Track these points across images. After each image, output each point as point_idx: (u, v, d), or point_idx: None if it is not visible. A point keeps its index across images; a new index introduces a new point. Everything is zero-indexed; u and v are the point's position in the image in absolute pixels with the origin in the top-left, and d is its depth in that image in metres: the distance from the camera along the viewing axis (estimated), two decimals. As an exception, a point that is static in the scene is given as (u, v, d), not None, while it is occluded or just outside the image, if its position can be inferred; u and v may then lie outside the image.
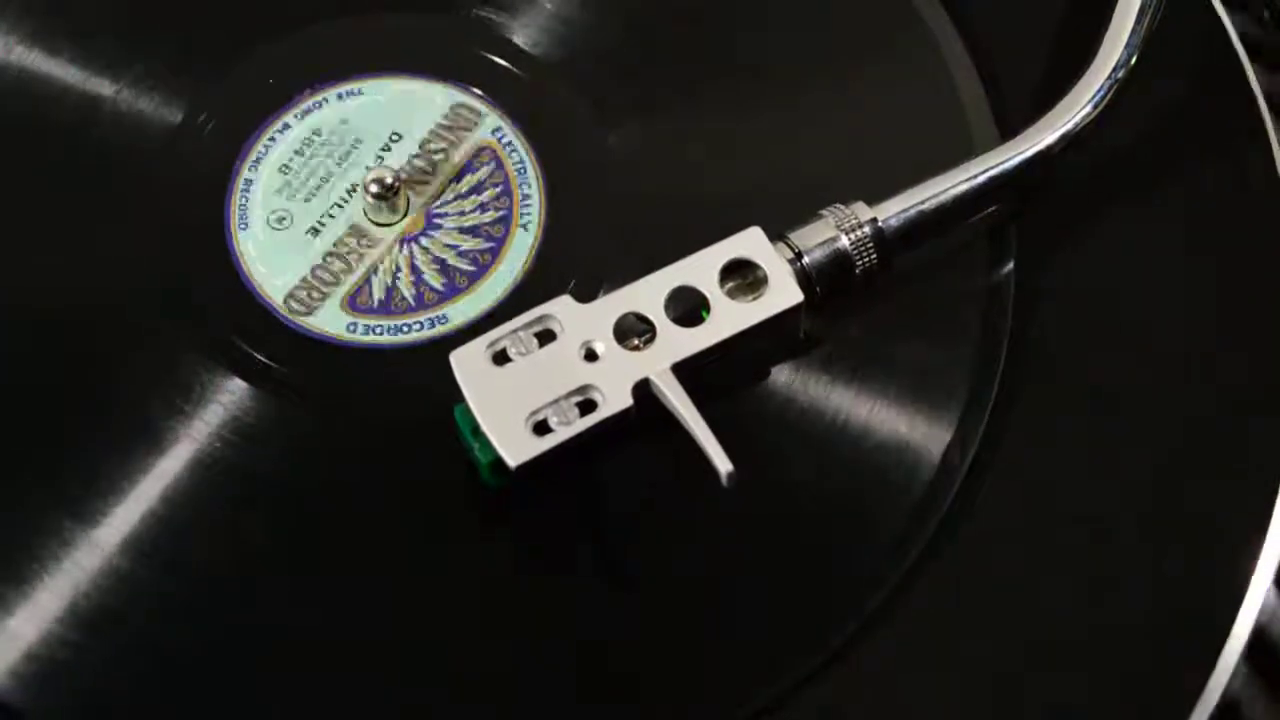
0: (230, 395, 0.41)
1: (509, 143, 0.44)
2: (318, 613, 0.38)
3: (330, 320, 0.42)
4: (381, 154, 0.44)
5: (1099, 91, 0.41)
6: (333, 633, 0.38)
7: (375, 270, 0.42)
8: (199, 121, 0.44)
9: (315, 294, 0.42)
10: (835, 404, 0.41)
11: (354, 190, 0.43)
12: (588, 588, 0.39)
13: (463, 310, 0.42)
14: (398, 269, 0.42)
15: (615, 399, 0.38)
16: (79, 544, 0.39)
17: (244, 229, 0.43)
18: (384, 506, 0.40)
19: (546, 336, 0.39)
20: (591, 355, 0.38)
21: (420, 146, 0.44)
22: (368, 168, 0.43)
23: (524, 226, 0.43)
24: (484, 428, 0.37)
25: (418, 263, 0.43)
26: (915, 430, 0.41)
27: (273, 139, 0.44)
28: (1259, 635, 0.39)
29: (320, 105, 0.45)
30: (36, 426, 0.41)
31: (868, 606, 0.39)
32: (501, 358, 0.38)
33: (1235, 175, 0.43)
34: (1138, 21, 0.42)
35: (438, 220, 0.43)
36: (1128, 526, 0.40)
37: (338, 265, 0.43)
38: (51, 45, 0.45)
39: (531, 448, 0.37)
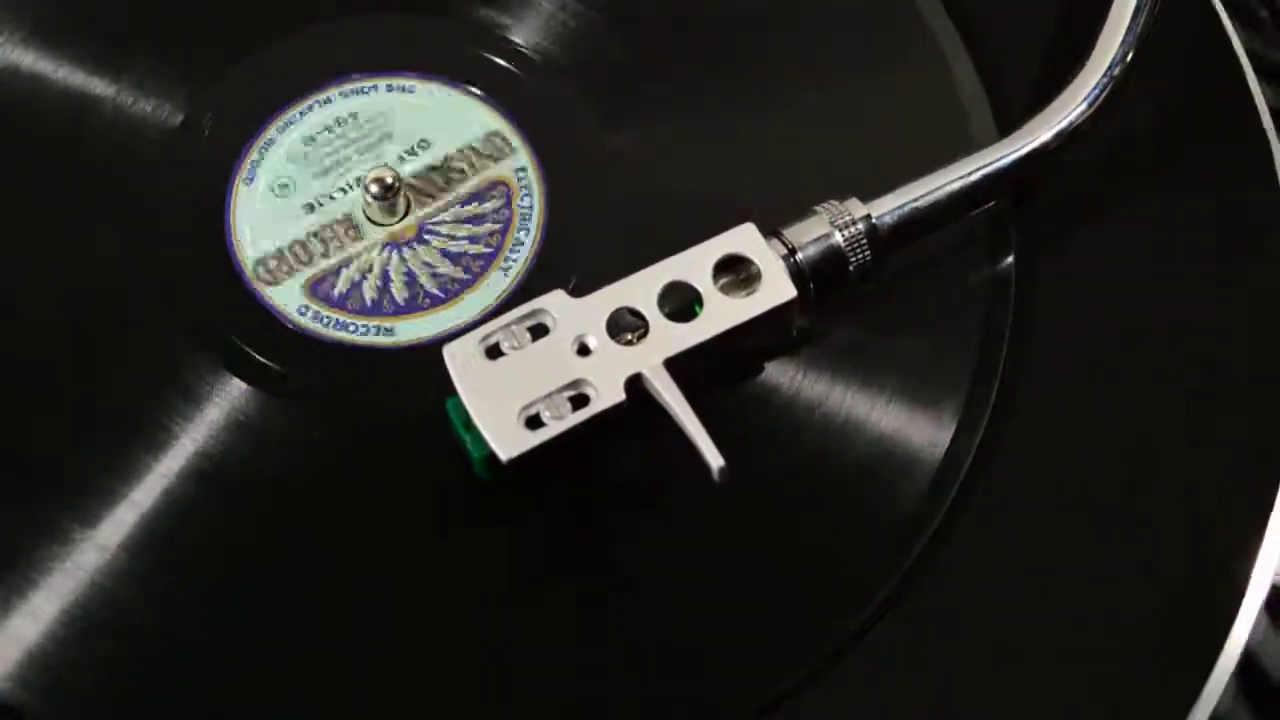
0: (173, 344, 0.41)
1: (526, 185, 0.44)
2: (315, 610, 0.39)
3: (288, 297, 0.42)
4: (405, 155, 0.44)
5: (1095, 89, 0.41)
6: (330, 631, 0.38)
7: (349, 264, 0.43)
8: (200, 122, 0.44)
9: (285, 267, 0.42)
10: (835, 402, 0.41)
11: (360, 182, 0.44)
12: (582, 585, 0.39)
13: (411, 330, 0.42)
14: (369, 269, 0.42)
15: (608, 393, 0.38)
16: (79, 544, 0.39)
17: (248, 184, 0.43)
18: (369, 501, 0.40)
19: (539, 331, 0.39)
20: (584, 350, 0.38)
21: (443, 160, 0.44)
22: (386, 165, 0.43)
23: (504, 270, 0.43)
24: (476, 422, 0.37)
25: (390, 270, 0.43)
26: (915, 429, 0.40)
27: (310, 108, 0.44)
28: (1272, 599, 0.39)
29: (368, 91, 0.45)
30: (36, 426, 0.41)
31: (867, 606, 0.38)
32: (494, 351, 0.38)
33: (1234, 170, 0.43)
34: (1134, 19, 0.42)
35: (427, 236, 0.43)
36: (1128, 525, 0.39)
37: (316, 247, 0.43)
38: (51, 45, 0.45)
39: (523, 442, 0.37)
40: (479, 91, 0.45)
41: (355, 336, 0.42)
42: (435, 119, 0.45)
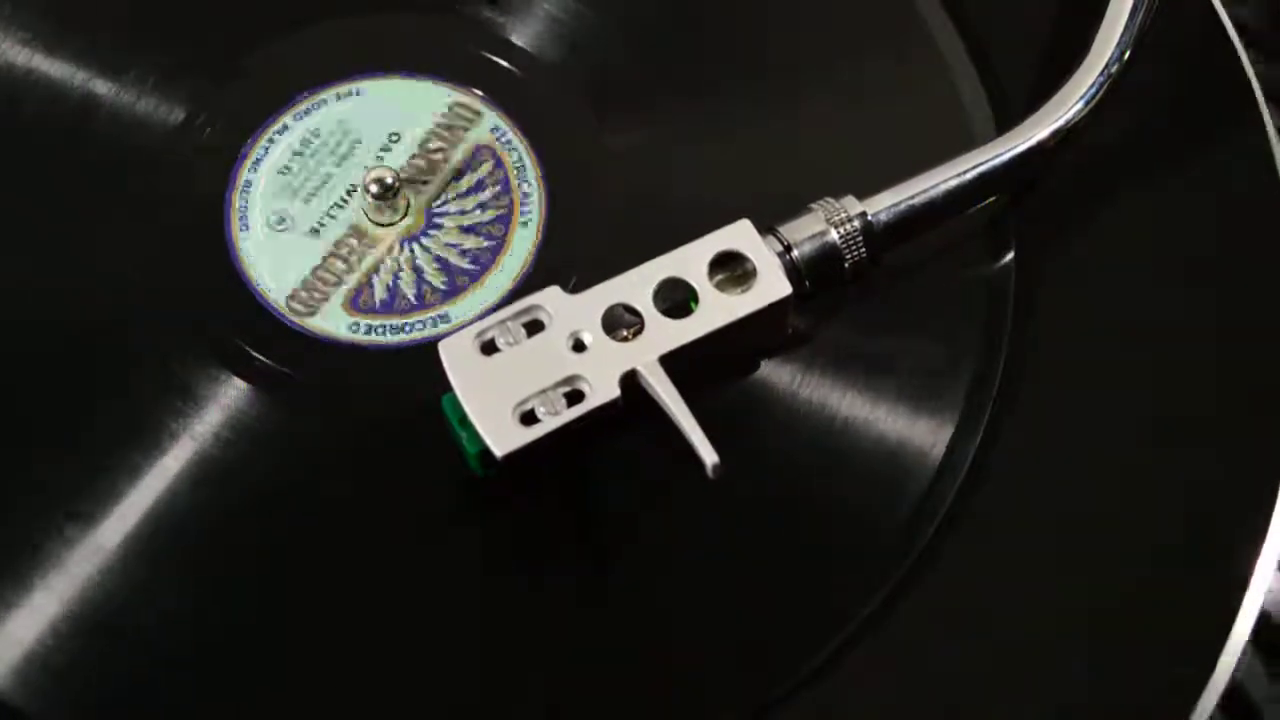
0: (231, 396, 0.41)
1: (507, 141, 0.44)
2: (315, 610, 0.39)
3: (332, 321, 0.42)
4: (381, 154, 0.44)
5: (1092, 87, 0.41)
6: (330, 630, 0.38)
7: (377, 270, 0.43)
8: (199, 122, 0.44)
9: (317, 294, 0.42)
10: (833, 402, 0.41)
11: (353, 190, 0.44)
12: (578, 583, 0.39)
13: (464, 309, 0.42)
14: (399, 269, 0.43)
15: (602, 390, 0.38)
16: (79, 544, 0.39)
17: (244, 230, 0.43)
18: (386, 505, 0.40)
19: (535, 327, 0.39)
20: (579, 346, 0.38)
21: (419, 146, 0.44)
22: (367, 168, 0.43)
23: (524, 224, 0.43)
24: (471, 417, 0.37)
25: (419, 262, 0.43)
26: (915, 429, 0.40)
27: (272, 140, 0.44)
28: (1265, 621, 0.38)
29: (319, 106, 0.45)
30: (36, 426, 0.41)
31: (866, 608, 0.38)
32: (490, 348, 0.38)
33: (1233, 168, 0.43)
34: (1131, 18, 0.42)
35: (438, 220, 0.43)
36: (1128, 524, 0.39)
37: (339, 266, 0.43)
38: (51, 45, 0.45)
39: (518, 438, 0.37)
40: (423, 73, 0.45)
41: (413, 335, 0.42)
42: (394, 111, 0.45)
